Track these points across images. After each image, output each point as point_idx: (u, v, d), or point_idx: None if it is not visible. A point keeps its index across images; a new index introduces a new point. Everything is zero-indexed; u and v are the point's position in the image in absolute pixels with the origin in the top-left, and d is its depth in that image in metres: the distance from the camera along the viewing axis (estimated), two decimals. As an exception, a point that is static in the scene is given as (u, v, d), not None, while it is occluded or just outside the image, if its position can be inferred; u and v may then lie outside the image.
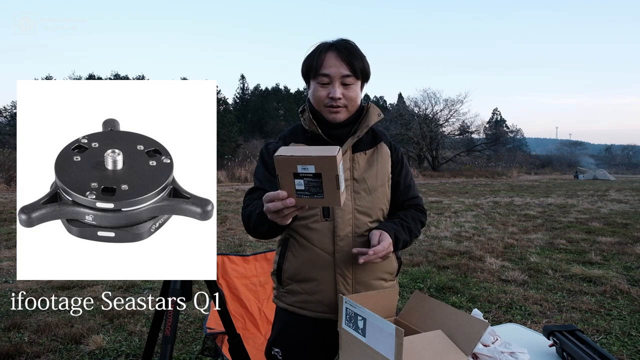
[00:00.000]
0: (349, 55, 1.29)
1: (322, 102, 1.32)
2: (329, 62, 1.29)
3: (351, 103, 1.33)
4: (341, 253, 1.32)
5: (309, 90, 1.37)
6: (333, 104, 1.31)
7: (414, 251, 5.72)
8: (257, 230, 1.25)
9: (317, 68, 1.29)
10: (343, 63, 1.29)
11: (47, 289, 4.01)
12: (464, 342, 1.04)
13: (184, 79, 2.51)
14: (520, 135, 47.61)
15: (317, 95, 1.32)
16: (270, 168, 1.37)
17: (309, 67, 1.32)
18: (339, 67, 1.28)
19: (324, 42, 1.33)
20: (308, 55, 1.34)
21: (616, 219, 8.64)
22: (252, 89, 54.57)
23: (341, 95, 1.30)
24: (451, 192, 15.04)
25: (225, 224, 7.61)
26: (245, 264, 2.56)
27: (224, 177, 17.73)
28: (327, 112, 1.33)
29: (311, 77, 1.33)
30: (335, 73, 1.29)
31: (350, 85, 1.31)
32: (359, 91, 1.35)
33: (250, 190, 1.38)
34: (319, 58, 1.30)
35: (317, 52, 1.31)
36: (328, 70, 1.29)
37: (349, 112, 1.35)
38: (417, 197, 1.48)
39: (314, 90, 1.33)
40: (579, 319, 3.50)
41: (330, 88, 1.30)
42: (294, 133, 1.41)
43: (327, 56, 1.29)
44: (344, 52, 1.29)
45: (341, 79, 1.29)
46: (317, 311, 1.35)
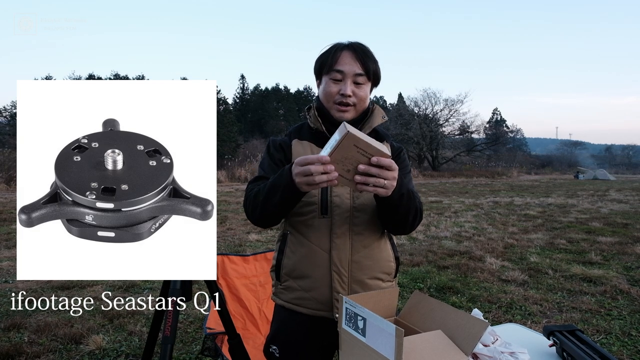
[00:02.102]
0: (364, 56, 1.33)
1: (332, 98, 1.33)
2: (344, 60, 1.32)
3: (360, 103, 1.35)
4: (337, 251, 1.31)
5: (320, 86, 1.38)
6: (343, 101, 1.32)
7: (414, 251, 5.72)
8: (266, 204, 1.21)
9: (332, 64, 1.32)
10: (357, 62, 1.31)
11: (47, 289, 4.01)
12: (464, 342, 1.04)
13: (184, 79, 2.51)
14: (520, 135, 47.67)
15: (328, 91, 1.33)
16: (275, 159, 1.38)
17: (323, 63, 1.34)
18: (353, 65, 1.31)
19: (340, 42, 1.36)
20: (323, 53, 1.36)
21: (616, 219, 8.65)
22: (252, 89, 54.60)
23: (352, 93, 1.32)
24: (451, 192, 15.04)
25: (225, 224, 7.61)
26: (245, 264, 2.56)
27: (224, 177, 17.73)
28: (335, 109, 1.34)
29: (324, 73, 1.35)
30: (349, 70, 1.31)
31: (361, 85, 1.33)
32: (368, 92, 1.37)
33: (254, 179, 1.38)
34: (334, 55, 1.32)
35: (333, 50, 1.34)
36: (342, 67, 1.31)
37: (357, 111, 1.36)
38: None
39: (326, 85, 1.34)
40: (579, 319, 3.50)
41: (342, 85, 1.32)
42: (300, 130, 1.43)
43: (343, 54, 1.32)
44: (359, 53, 1.33)
45: (353, 77, 1.32)
46: (313, 309, 1.35)
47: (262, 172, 1.38)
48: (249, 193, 1.31)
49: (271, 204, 1.20)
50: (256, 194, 1.26)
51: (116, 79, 33.47)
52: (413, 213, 1.28)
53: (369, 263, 1.35)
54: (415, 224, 1.33)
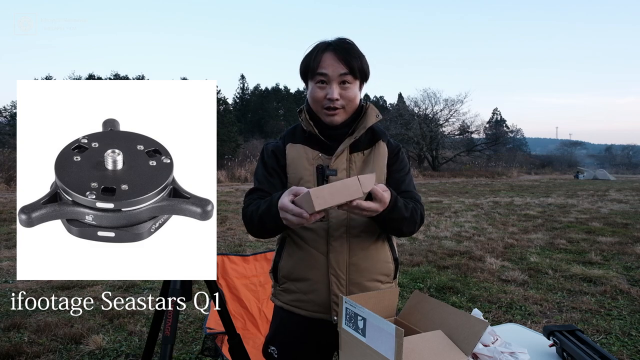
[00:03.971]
0: (347, 55, 1.28)
1: (320, 103, 1.31)
2: (326, 62, 1.28)
3: (349, 104, 1.32)
4: (335, 253, 1.31)
5: (307, 90, 1.36)
6: (330, 105, 1.29)
7: (414, 251, 5.72)
8: (262, 229, 1.27)
9: (315, 68, 1.28)
10: (341, 63, 1.27)
11: (47, 289, 4.00)
12: (464, 342, 1.04)
13: (184, 79, 2.51)
14: (520, 135, 47.62)
15: (315, 96, 1.31)
16: (269, 168, 1.37)
17: (307, 67, 1.31)
18: (337, 66, 1.27)
19: (322, 42, 1.32)
20: (306, 56, 1.33)
21: (616, 219, 8.64)
22: (252, 89, 54.55)
23: (339, 96, 1.29)
24: (451, 192, 15.03)
25: (225, 224, 7.61)
26: (245, 264, 2.56)
27: (224, 177, 17.72)
28: (324, 114, 1.32)
29: (309, 78, 1.32)
30: (333, 73, 1.27)
31: (348, 86, 1.30)
32: (357, 91, 1.33)
33: (250, 191, 1.38)
34: (316, 58, 1.29)
35: (315, 52, 1.30)
36: (325, 69, 1.28)
37: (347, 113, 1.33)
38: (412, 192, 1.39)
39: (312, 90, 1.32)
40: (579, 319, 3.50)
41: (328, 89, 1.29)
42: (293, 133, 1.41)
43: (325, 56, 1.28)
44: (341, 52, 1.28)
45: (339, 79, 1.28)
46: (311, 310, 1.35)
47: (257, 183, 1.39)
48: (245, 210, 1.32)
49: (265, 229, 1.27)
50: (251, 214, 1.28)
51: (116, 79, 33.46)
52: (408, 224, 1.29)
53: (367, 265, 1.35)
54: (414, 230, 1.33)
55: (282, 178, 1.37)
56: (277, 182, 1.36)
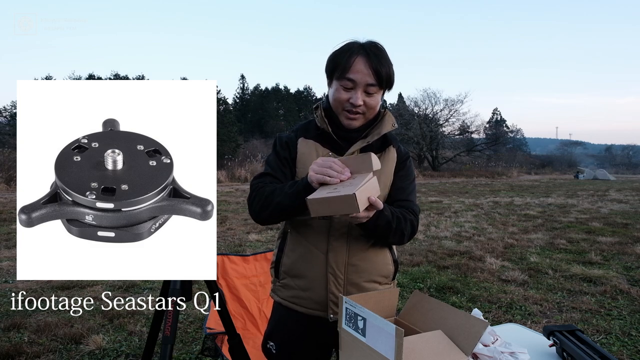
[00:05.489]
0: (377, 64, 1.27)
1: (342, 105, 1.31)
2: (356, 67, 1.27)
3: (370, 111, 1.33)
4: (334, 253, 1.32)
5: (330, 88, 1.35)
6: (352, 110, 1.30)
7: (414, 251, 5.72)
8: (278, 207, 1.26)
9: (344, 71, 1.27)
10: (370, 71, 1.26)
11: (47, 289, 4.00)
12: (464, 342, 1.04)
13: (184, 79, 2.51)
14: (520, 135, 47.63)
15: (338, 98, 1.30)
16: (281, 157, 1.38)
17: (336, 67, 1.30)
18: (366, 75, 1.26)
19: (354, 42, 1.31)
20: (337, 54, 1.31)
21: (616, 219, 8.65)
22: (252, 89, 54.53)
23: (362, 103, 1.29)
24: (451, 192, 15.03)
25: (225, 224, 7.61)
26: (245, 264, 2.56)
27: (224, 177, 17.71)
28: (344, 116, 1.32)
29: (335, 78, 1.31)
30: (361, 80, 1.27)
31: (372, 94, 1.30)
32: (379, 100, 1.33)
33: (260, 175, 1.37)
34: (347, 61, 1.27)
35: (347, 55, 1.28)
36: (354, 75, 1.27)
37: (366, 118, 1.34)
38: (411, 202, 1.39)
39: (336, 91, 1.31)
40: (579, 319, 3.50)
41: (353, 93, 1.28)
42: (307, 128, 1.40)
43: (357, 60, 1.27)
44: (373, 59, 1.27)
45: (365, 87, 1.28)
46: (308, 308, 1.36)
47: (268, 168, 1.38)
48: (262, 190, 1.30)
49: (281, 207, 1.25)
50: (272, 191, 1.27)
51: (116, 79, 33.46)
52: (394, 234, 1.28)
53: (366, 266, 1.35)
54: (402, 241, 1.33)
55: (293, 169, 1.37)
56: (288, 172, 1.37)
